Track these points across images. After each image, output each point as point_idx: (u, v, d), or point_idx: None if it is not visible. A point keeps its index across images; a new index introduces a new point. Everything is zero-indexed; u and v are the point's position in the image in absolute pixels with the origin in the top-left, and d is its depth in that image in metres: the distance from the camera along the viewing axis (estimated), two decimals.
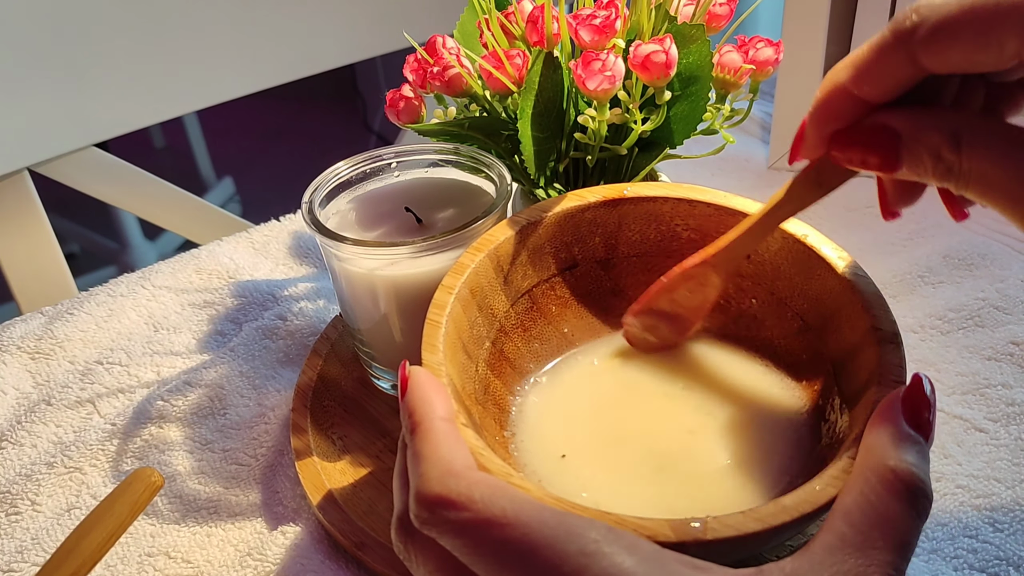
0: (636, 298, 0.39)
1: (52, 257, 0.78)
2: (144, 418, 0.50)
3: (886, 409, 0.27)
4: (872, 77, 0.27)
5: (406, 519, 0.27)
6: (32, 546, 0.43)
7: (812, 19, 0.68)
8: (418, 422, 0.28)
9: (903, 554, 0.24)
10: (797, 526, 0.27)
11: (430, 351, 0.33)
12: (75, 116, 0.75)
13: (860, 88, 0.27)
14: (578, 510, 0.27)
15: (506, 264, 0.38)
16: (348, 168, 0.46)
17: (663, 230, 0.41)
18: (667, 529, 0.26)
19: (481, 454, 0.29)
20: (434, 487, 0.26)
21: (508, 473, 0.28)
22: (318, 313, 0.57)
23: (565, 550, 0.23)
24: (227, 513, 0.44)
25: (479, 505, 0.25)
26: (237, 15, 0.79)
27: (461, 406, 0.31)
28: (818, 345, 0.36)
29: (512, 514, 0.24)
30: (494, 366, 0.37)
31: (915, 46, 0.25)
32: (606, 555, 0.23)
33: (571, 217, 0.40)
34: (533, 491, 0.28)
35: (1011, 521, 0.41)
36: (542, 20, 0.41)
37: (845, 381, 0.34)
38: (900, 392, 0.28)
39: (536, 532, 0.24)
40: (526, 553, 0.23)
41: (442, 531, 0.25)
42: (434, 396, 0.29)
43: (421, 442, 0.27)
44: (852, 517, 0.25)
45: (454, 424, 0.29)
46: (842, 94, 0.28)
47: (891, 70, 0.26)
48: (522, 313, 0.39)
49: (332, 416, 0.48)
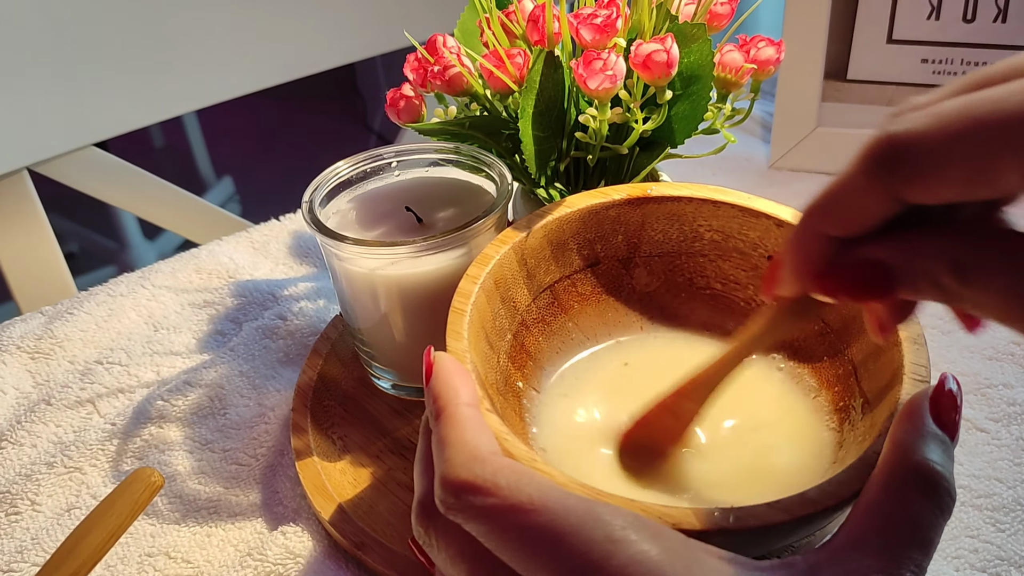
0: (656, 298, 0.40)
1: (51, 257, 0.78)
2: (144, 418, 0.50)
3: (913, 407, 0.27)
4: (847, 217, 0.24)
5: (429, 504, 0.27)
6: (32, 546, 0.43)
7: (813, 19, 0.68)
8: (443, 407, 0.28)
9: (925, 551, 0.24)
10: (821, 519, 0.27)
11: (455, 338, 0.33)
12: (74, 116, 0.74)
13: (834, 229, 0.24)
14: (604, 497, 0.27)
15: (530, 258, 0.38)
16: (348, 167, 0.45)
17: (686, 230, 0.41)
18: (692, 517, 0.26)
19: (506, 439, 0.29)
20: (460, 472, 0.25)
21: (533, 459, 0.28)
22: (318, 313, 0.57)
23: (591, 537, 0.23)
24: (227, 513, 0.44)
25: (505, 491, 0.25)
26: (237, 15, 0.79)
27: (485, 393, 0.31)
28: (839, 346, 0.36)
29: (539, 500, 0.24)
30: (515, 359, 0.37)
31: (895, 182, 0.21)
32: (632, 542, 0.23)
33: (595, 214, 0.40)
34: (558, 477, 0.28)
35: (1012, 521, 0.41)
36: (543, 19, 0.41)
37: (867, 381, 0.34)
38: (928, 391, 0.28)
39: (562, 519, 0.24)
40: (552, 539, 0.23)
41: (467, 516, 0.25)
42: (459, 382, 0.29)
43: (446, 427, 0.27)
44: (875, 512, 0.25)
45: (479, 410, 0.29)
46: (817, 236, 0.25)
47: (868, 208, 0.23)
48: (543, 308, 0.40)
49: (332, 416, 0.48)
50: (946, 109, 0.20)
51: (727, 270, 0.41)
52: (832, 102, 0.73)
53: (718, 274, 0.41)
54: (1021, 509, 0.41)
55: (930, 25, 0.70)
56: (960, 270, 0.22)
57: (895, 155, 0.21)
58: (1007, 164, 0.19)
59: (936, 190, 0.21)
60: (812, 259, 0.25)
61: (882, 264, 0.24)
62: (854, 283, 0.24)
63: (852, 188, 0.23)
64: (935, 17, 0.70)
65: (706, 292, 0.41)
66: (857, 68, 0.74)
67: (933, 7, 0.70)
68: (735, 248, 0.40)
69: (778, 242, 0.39)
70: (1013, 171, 0.19)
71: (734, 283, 0.41)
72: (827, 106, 0.73)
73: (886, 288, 0.24)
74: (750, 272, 0.40)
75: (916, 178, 0.21)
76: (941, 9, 0.70)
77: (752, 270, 0.40)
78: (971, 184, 0.20)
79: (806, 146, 0.72)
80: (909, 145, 0.21)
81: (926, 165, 0.21)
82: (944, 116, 0.20)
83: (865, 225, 0.23)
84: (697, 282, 0.41)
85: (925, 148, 0.20)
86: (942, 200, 0.21)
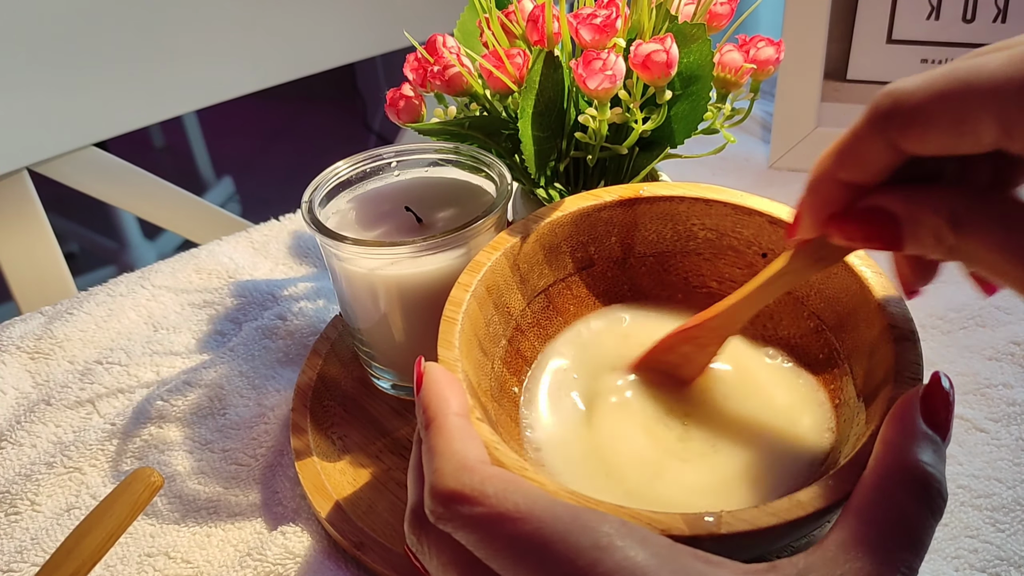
0: (652, 297, 0.40)
1: (51, 257, 0.78)
2: (144, 418, 0.50)
3: (903, 407, 0.27)
4: (855, 163, 0.26)
5: (420, 513, 0.27)
6: (32, 546, 0.43)
7: (812, 19, 0.68)
8: (432, 417, 0.28)
9: (917, 553, 0.24)
10: (811, 522, 0.27)
11: (446, 347, 0.33)
12: (74, 116, 0.74)
13: (845, 174, 0.27)
14: (591, 504, 0.27)
15: (522, 263, 0.38)
16: (348, 167, 0.45)
17: (680, 230, 0.41)
18: (681, 523, 0.26)
19: (496, 448, 0.29)
20: (448, 482, 0.26)
21: (522, 467, 0.28)
22: (318, 313, 0.57)
23: (578, 544, 0.23)
24: (227, 513, 0.44)
25: (492, 500, 0.25)
26: (237, 15, 0.79)
27: (476, 402, 0.31)
28: (834, 343, 0.36)
29: (525, 508, 0.24)
30: (510, 364, 0.37)
31: (892, 133, 0.24)
32: (619, 548, 0.23)
33: (587, 216, 0.40)
34: (547, 485, 0.28)
35: (1012, 521, 0.41)
36: (543, 19, 0.41)
37: (862, 379, 0.34)
38: (918, 390, 0.28)
39: (549, 526, 0.24)
40: (539, 547, 0.23)
41: (456, 526, 0.25)
42: (449, 392, 0.29)
43: (435, 437, 0.28)
44: (866, 514, 0.25)
45: (468, 419, 0.29)
46: (831, 180, 0.27)
47: (873, 155, 0.26)
48: (538, 312, 0.40)
49: (332, 416, 0.48)
50: (937, 71, 0.24)
51: (722, 268, 0.41)
52: (832, 102, 0.73)
53: (713, 273, 0.41)
54: (1021, 509, 0.41)
55: (930, 25, 0.70)
56: (958, 222, 0.24)
57: (892, 107, 0.24)
58: (982, 117, 0.22)
59: (926, 139, 0.24)
60: (827, 202, 0.28)
61: (889, 213, 0.26)
62: (864, 227, 0.27)
63: (858, 136, 0.26)
64: (935, 17, 0.70)
65: (702, 291, 0.41)
66: (857, 68, 0.74)
67: (933, 7, 0.70)
68: (729, 246, 0.40)
69: (772, 239, 0.39)
70: (988, 125, 0.22)
71: (730, 281, 0.41)
72: (827, 106, 0.73)
73: (894, 236, 0.26)
74: (745, 270, 0.40)
75: (908, 127, 0.24)
76: (941, 9, 0.70)
77: (747, 268, 0.40)
78: (955, 135, 0.23)
79: (806, 146, 0.72)
80: (904, 99, 0.24)
81: (916, 116, 0.24)
82: (934, 76, 0.24)
83: (871, 171, 0.26)
84: (692, 281, 0.41)
85: (916, 101, 0.24)
86: (933, 151, 0.24)
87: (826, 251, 0.30)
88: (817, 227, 0.28)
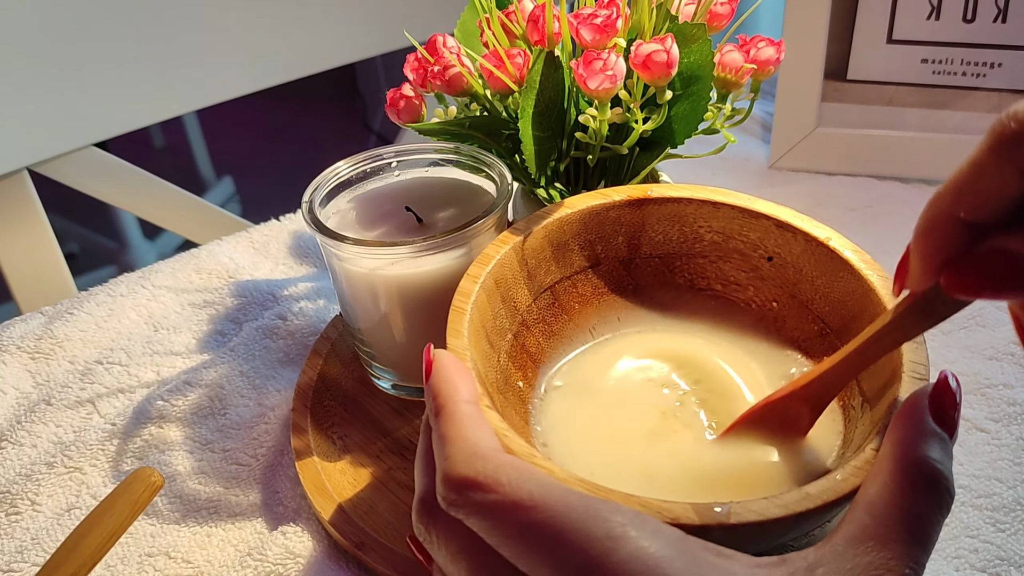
0: (657, 299, 0.40)
1: (51, 257, 0.78)
2: (144, 418, 0.50)
3: (913, 405, 0.27)
4: (977, 197, 0.23)
5: (430, 501, 0.27)
6: (32, 546, 0.43)
7: (813, 19, 0.68)
8: (442, 404, 0.28)
9: (924, 548, 0.24)
10: (820, 514, 0.27)
11: (455, 336, 0.33)
12: (75, 116, 0.74)
13: (965, 212, 0.23)
14: (603, 493, 0.27)
15: (530, 258, 0.38)
16: (348, 167, 0.45)
17: (686, 231, 0.41)
18: (691, 512, 0.26)
19: (505, 435, 0.29)
20: (461, 469, 0.26)
21: (532, 454, 0.28)
22: (318, 313, 0.57)
23: (591, 533, 0.23)
24: (227, 513, 0.44)
25: (506, 488, 0.25)
26: (237, 15, 0.79)
27: (485, 390, 0.31)
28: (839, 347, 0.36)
29: (539, 497, 0.24)
30: (515, 359, 0.38)
31: (1022, 158, 0.21)
32: (632, 539, 0.23)
33: (595, 215, 0.40)
34: (559, 473, 0.28)
35: (1012, 521, 0.41)
36: (543, 19, 0.41)
37: (867, 380, 0.34)
38: (927, 389, 0.28)
39: (562, 515, 0.24)
40: (552, 536, 0.23)
41: (469, 512, 0.25)
42: (458, 379, 0.29)
43: (446, 424, 0.27)
44: (875, 509, 0.25)
45: (479, 407, 0.29)
46: (947, 220, 0.23)
47: (997, 187, 0.22)
48: (544, 308, 0.40)
49: (332, 416, 0.48)
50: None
51: (728, 271, 0.41)
52: (832, 102, 0.73)
53: (719, 275, 0.41)
54: (1021, 509, 0.41)
55: (930, 25, 0.70)
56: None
57: (1018, 129, 0.21)
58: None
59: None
60: (942, 246, 0.24)
61: (1015, 255, 0.22)
62: (987, 274, 0.23)
63: (980, 165, 0.22)
64: (935, 17, 0.70)
65: (707, 293, 0.41)
66: (857, 68, 0.74)
67: (933, 7, 0.70)
68: (735, 249, 0.40)
69: (778, 243, 0.39)
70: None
71: (735, 284, 0.41)
72: (827, 106, 0.73)
73: (1021, 282, 0.23)
74: (750, 273, 0.40)
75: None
76: (941, 9, 0.70)
77: (752, 271, 0.40)
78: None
79: (806, 146, 0.72)
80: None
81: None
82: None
83: (996, 206, 0.22)
84: (698, 283, 0.41)
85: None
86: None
87: (934, 306, 0.27)
88: (930, 276, 0.25)
